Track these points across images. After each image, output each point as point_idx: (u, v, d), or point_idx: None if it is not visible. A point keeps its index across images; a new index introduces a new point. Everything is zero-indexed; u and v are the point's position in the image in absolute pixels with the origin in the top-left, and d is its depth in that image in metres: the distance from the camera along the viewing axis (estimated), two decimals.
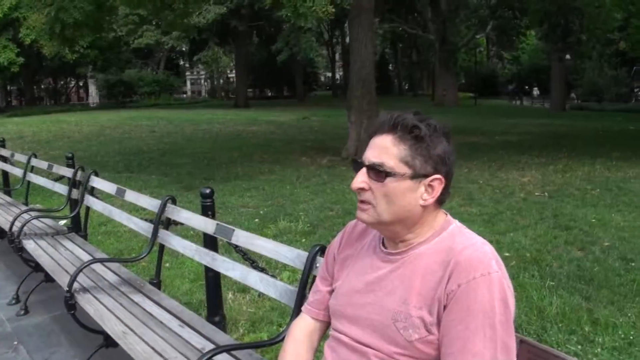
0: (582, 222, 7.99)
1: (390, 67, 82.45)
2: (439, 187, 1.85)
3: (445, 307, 1.73)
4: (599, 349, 4.20)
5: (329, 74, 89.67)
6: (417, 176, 1.82)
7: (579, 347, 4.24)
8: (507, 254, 6.31)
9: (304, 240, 7.24)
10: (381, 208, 1.84)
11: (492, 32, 57.02)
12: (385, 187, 1.81)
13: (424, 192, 1.84)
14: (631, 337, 4.34)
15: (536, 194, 10.16)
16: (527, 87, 67.33)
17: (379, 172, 1.81)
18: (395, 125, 1.83)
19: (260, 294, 5.10)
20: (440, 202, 1.89)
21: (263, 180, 11.97)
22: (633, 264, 6.12)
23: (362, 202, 1.87)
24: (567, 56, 40.38)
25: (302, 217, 8.52)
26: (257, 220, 8.45)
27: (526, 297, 5.13)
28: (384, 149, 1.83)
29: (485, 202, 9.53)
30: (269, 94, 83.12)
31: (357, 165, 1.89)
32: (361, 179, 1.85)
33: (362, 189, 1.86)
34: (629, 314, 4.77)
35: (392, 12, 53.17)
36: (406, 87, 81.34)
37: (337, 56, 79.63)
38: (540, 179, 11.62)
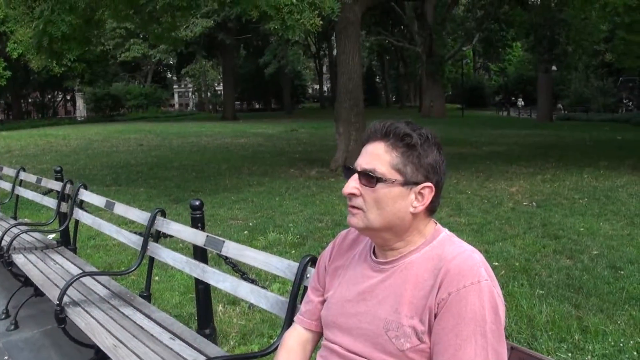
0: (571, 231, 8.03)
1: (377, 79, 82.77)
2: (429, 195, 1.86)
3: (436, 315, 1.74)
4: (589, 357, 4.22)
5: (317, 86, 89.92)
6: (408, 183, 1.83)
7: (569, 354, 4.25)
8: (496, 264, 6.33)
9: (293, 251, 7.23)
10: (371, 214, 1.85)
11: (478, 44, 57.38)
12: (375, 193, 1.83)
13: (414, 200, 1.85)
14: (621, 344, 4.36)
15: (524, 203, 10.20)
16: (513, 98, 67.72)
17: (370, 178, 1.83)
18: (388, 133, 1.85)
19: (251, 306, 5.11)
20: (430, 211, 1.90)
21: (252, 192, 11.96)
22: (622, 272, 6.15)
23: (353, 207, 1.89)
24: (554, 67, 40.61)
25: (292, 228, 8.52)
26: (246, 232, 8.45)
27: (516, 306, 5.15)
28: (376, 155, 1.85)
29: (473, 212, 9.56)
30: (257, 107, 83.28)
31: (349, 171, 1.90)
32: (353, 184, 1.87)
33: (353, 195, 1.87)
34: (619, 322, 4.79)
35: (378, 25, 53.50)
36: (393, 99, 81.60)
37: (324, 68, 79.87)
38: (528, 188, 11.66)
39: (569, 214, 9.22)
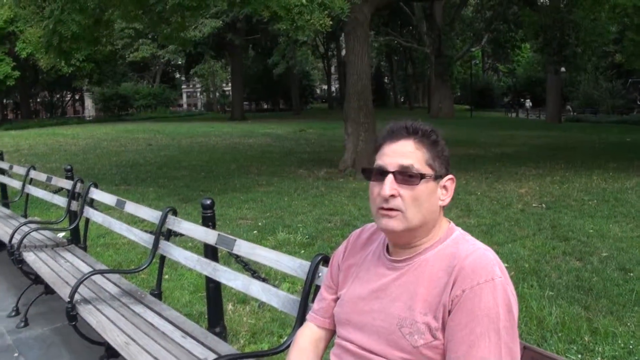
0: (580, 232, 8.01)
1: (385, 80, 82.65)
2: (452, 186, 1.93)
3: (450, 312, 1.75)
4: (599, 358, 4.21)
5: (325, 87, 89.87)
6: (437, 177, 1.89)
7: (579, 356, 4.25)
8: (505, 265, 6.29)
9: (302, 251, 7.24)
10: (411, 213, 1.86)
11: (487, 45, 57.29)
12: (415, 191, 1.85)
13: (441, 193, 1.91)
14: (631, 346, 4.35)
15: (534, 205, 10.18)
16: (522, 100, 67.55)
17: (410, 177, 1.85)
18: (416, 130, 1.89)
19: (261, 305, 5.13)
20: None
21: (261, 192, 11.97)
22: (631, 274, 6.14)
23: (390, 209, 1.87)
24: (563, 69, 40.49)
25: (301, 228, 8.53)
26: (255, 232, 8.45)
27: (526, 307, 5.14)
28: (408, 153, 1.87)
29: (483, 213, 9.55)
30: (265, 107, 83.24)
31: (369, 173, 1.93)
32: (390, 185, 1.86)
33: (393, 196, 1.86)
34: (628, 324, 4.78)
35: (387, 26, 53.45)
36: (402, 100, 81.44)
37: (332, 69, 79.79)
38: (537, 190, 11.64)
39: (579, 215, 9.20)
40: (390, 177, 1.87)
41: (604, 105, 47.57)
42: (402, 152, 1.88)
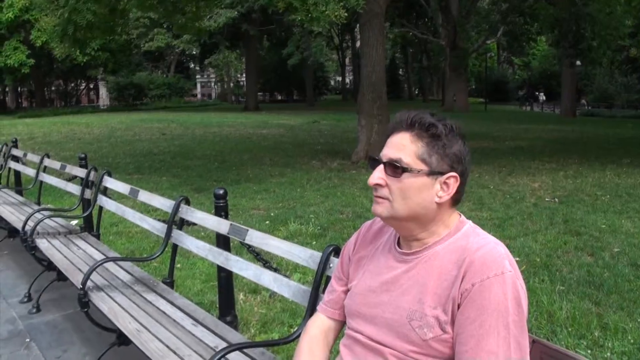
0: (592, 227, 7.98)
1: (400, 72, 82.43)
2: (454, 185, 1.88)
3: (459, 305, 1.75)
4: (608, 354, 4.21)
5: (339, 78, 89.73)
6: (433, 173, 1.85)
7: (589, 351, 4.24)
8: (517, 259, 6.30)
9: (314, 242, 7.25)
10: (397, 204, 1.86)
11: (502, 38, 56.94)
12: (401, 183, 1.85)
13: (440, 190, 1.87)
14: None
15: (546, 199, 10.15)
16: (537, 93, 67.24)
17: (396, 168, 1.85)
18: (413, 123, 1.87)
19: (272, 295, 5.15)
20: (455, 201, 1.92)
21: (273, 183, 11.99)
22: None
23: (378, 197, 1.91)
24: (578, 62, 40.26)
25: (313, 219, 8.54)
26: (267, 222, 8.47)
27: (536, 301, 5.13)
28: (402, 146, 1.87)
29: (495, 206, 9.53)
30: (279, 98, 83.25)
31: (374, 162, 1.92)
32: (378, 175, 1.88)
33: (379, 185, 1.88)
34: (639, 320, 4.77)
35: (402, 17, 53.28)
36: (416, 92, 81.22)
37: (347, 60, 79.64)
38: (550, 184, 11.61)
39: (591, 210, 9.16)
40: (380, 167, 1.89)
41: (618, 100, 47.35)
42: (397, 145, 1.88)
